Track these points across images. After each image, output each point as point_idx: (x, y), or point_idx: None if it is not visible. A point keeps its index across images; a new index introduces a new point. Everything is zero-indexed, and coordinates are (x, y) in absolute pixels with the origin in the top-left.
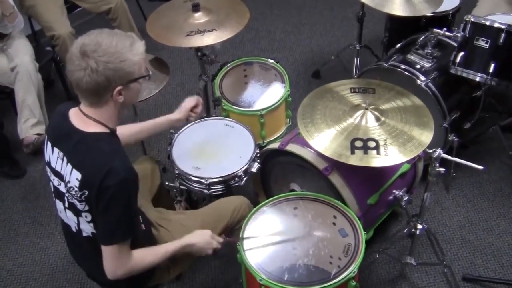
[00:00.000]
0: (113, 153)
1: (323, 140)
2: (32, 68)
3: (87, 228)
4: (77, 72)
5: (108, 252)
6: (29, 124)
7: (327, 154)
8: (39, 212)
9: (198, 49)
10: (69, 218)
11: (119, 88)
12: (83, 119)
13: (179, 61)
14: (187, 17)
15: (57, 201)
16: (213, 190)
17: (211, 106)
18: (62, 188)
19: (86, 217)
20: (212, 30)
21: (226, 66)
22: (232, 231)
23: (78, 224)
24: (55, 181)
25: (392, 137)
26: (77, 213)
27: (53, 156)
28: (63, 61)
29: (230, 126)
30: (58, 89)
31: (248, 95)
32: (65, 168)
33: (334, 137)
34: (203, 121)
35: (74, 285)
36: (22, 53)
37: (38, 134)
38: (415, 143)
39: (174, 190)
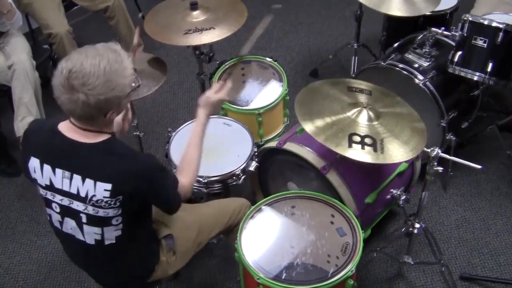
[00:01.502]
0: (132, 153)
1: (321, 133)
2: (29, 66)
3: (112, 235)
4: (68, 104)
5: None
6: (26, 122)
7: (324, 142)
8: (36, 211)
9: (196, 47)
10: (87, 232)
11: (112, 111)
12: (81, 132)
13: (177, 59)
14: (185, 15)
15: (67, 220)
16: (211, 188)
17: None
18: (76, 206)
19: (116, 220)
20: (210, 29)
21: (224, 65)
22: (231, 232)
23: (102, 234)
24: (64, 201)
25: (389, 136)
26: (104, 223)
27: (56, 177)
28: (61, 59)
29: (228, 125)
30: None
31: (246, 94)
32: (82, 185)
33: (332, 131)
34: None
35: (72, 283)
36: (19, 51)
37: None
38: (410, 146)
39: None
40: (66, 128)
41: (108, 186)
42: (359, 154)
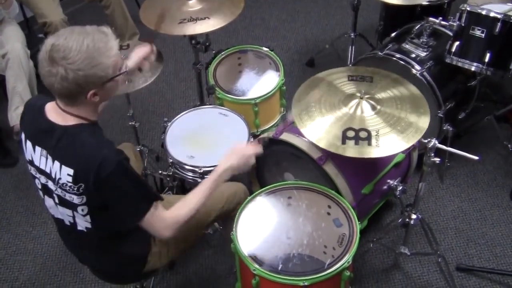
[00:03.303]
0: (99, 142)
1: (316, 130)
2: (23, 55)
3: (82, 223)
4: (48, 78)
5: (146, 225)
6: (20, 111)
7: (319, 144)
8: (32, 201)
9: (192, 37)
10: (62, 213)
11: (93, 91)
12: (61, 114)
13: (173, 49)
14: (181, 4)
15: (46, 198)
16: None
17: (205, 95)
18: (51, 185)
19: (82, 210)
20: (205, 18)
21: (220, 54)
22: (227, 219)
23: (74, 217)
24: (42, 178)
25: (388, 126)
26: (72, 207)
27: (36, 155)
28: None
29: (224, 114)
30: None
31: (242, 84)
32: (52, 165)
33: (328, 127)
34: (197, 109)
35: (67, 274)
36: (13, 39)
37: None
38: (412, 131)
39: (168, 178)
40: (50, 108)
41: (71, 171)
42: (352, 150)
